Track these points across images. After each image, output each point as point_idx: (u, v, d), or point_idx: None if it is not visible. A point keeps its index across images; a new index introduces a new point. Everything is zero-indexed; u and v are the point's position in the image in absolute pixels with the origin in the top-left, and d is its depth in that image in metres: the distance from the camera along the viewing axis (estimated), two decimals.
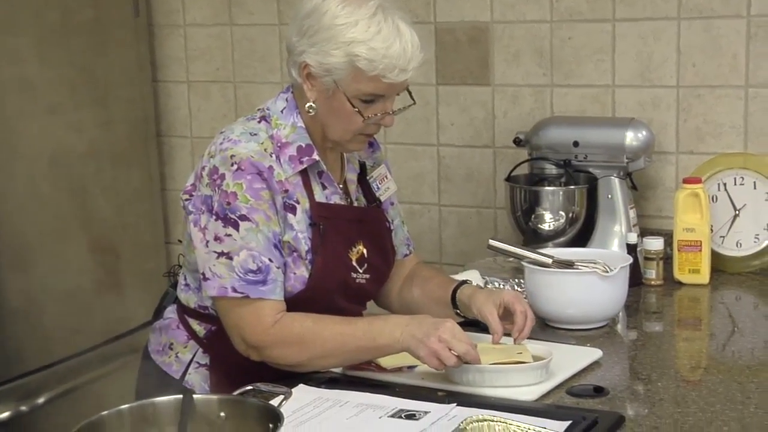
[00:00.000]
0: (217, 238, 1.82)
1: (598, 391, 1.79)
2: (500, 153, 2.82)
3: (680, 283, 2.44)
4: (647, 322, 2.27)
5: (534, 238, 2.53)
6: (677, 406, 1.73)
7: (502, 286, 2.30)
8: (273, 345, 1.82)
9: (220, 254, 1.82)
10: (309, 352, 1.82)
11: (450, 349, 1.75)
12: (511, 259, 2.34)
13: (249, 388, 1.51)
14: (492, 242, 2.20)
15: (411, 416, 1.66)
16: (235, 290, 1.81)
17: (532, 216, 2.52)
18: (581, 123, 2.60)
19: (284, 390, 1.51)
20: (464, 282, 2.03)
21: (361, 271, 1.94)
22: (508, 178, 2.60)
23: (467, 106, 2.85)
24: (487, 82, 2.81)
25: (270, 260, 1.82)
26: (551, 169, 2.58)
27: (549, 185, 2.56)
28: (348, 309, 1.94)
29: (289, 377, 1.82)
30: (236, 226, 1.81)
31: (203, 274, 1.85)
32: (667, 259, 2.46)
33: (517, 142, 2.63)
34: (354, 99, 1.84)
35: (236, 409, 1.47)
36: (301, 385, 1.80)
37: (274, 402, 1.47)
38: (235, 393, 1.51)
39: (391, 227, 2.06)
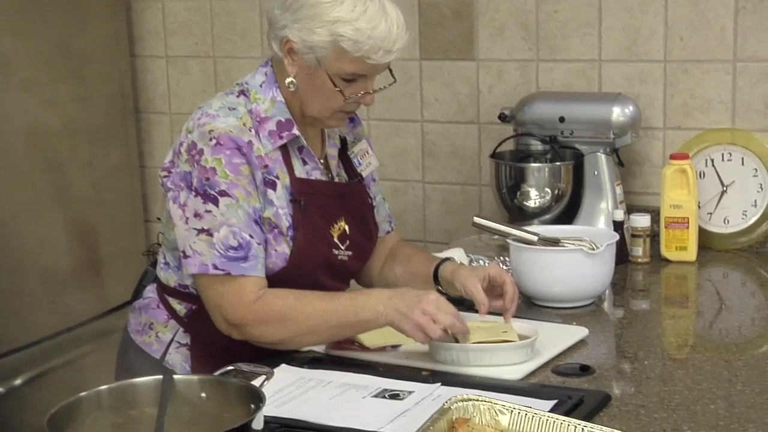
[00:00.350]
0: (197, 215, 1.80)
1: (584, 369, 1.78)
2: (485, 129, 2.79)
3: (667, 261, 2.43)
4: (634, 300, 2.27)
5: (519, 216, 2.51)
6: (664, 385, 1.72)
7: (487, 264, 2.28)
8: (255, 323, 1.79)
9: (201, 231, 1.79)
10: (291, 329, 1.80)
11: (435, 322, 1.73)
12: (496, 236, 2.33)
13: (230, 368, 1.49)
14: (477, 219, 2.19)
15: (395, 396, 1.65)
16: (216, 267, 1.78)
17: (518, 193, 2.50)
18: (567, 98, 2.59)
19: (266, 370, 1.49)
20: (446, 259, 2.03)
21: (343, 247, 1.92)
22: (493, 155, 2.58)
23: (451, 81, 2.82)
24: (472, 56, 2.78)
25: (251, 236, 1.79)
26: (537, 146, 2.56)
27: (534, 162, 2.55)
28: (331, 286, 1.91)
29: (271, 357, 1.80)
30: (216, 202, 1.78)
31: (183, 251, 1.82)
32: (654, 236, 2.45)
33: (503, 117, 2.61)
34: (336, 77, 1.82)
35: (217, 389, 1.46)
36: (283, 365, 1.79)
37: (256, 382, 1.46)
38: (217, 373, 1.49)
39: (374, 204, 2.04)
